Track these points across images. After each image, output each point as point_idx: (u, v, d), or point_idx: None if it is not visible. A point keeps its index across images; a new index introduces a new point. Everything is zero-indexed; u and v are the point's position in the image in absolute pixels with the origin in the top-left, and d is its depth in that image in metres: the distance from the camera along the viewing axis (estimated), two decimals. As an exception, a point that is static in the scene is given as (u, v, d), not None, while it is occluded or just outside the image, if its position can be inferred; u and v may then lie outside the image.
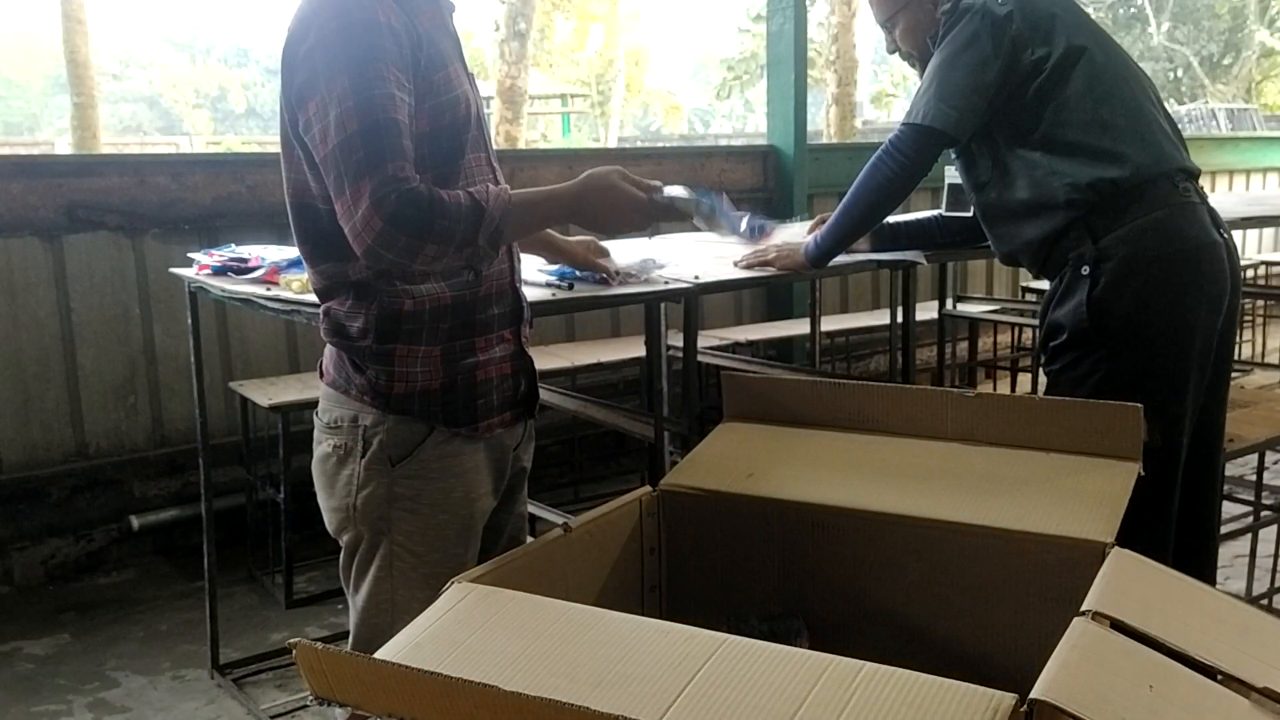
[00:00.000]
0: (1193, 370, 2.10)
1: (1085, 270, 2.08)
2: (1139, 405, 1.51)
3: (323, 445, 1.66)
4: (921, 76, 2.25)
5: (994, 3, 2.13)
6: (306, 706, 2.74)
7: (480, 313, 1.63)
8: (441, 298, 1.58)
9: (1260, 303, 6.31)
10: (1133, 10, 24.00)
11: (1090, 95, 2.11)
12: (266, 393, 3.49)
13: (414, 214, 1.43)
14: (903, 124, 2.19)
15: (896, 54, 2.39)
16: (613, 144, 20.50)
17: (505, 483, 1.75)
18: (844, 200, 2.27)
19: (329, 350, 1.67)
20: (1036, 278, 2.35)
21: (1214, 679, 0.98)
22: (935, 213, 2.72)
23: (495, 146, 1.76)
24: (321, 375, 1.70)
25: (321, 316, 1.65)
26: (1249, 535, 2.95)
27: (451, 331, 1.61)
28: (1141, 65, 2.37)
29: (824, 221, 2.37)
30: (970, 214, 2.47)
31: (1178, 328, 2.07)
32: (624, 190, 1.60)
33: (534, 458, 1.86)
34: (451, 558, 1.63)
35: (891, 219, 2.49)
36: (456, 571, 1.25)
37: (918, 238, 2.61)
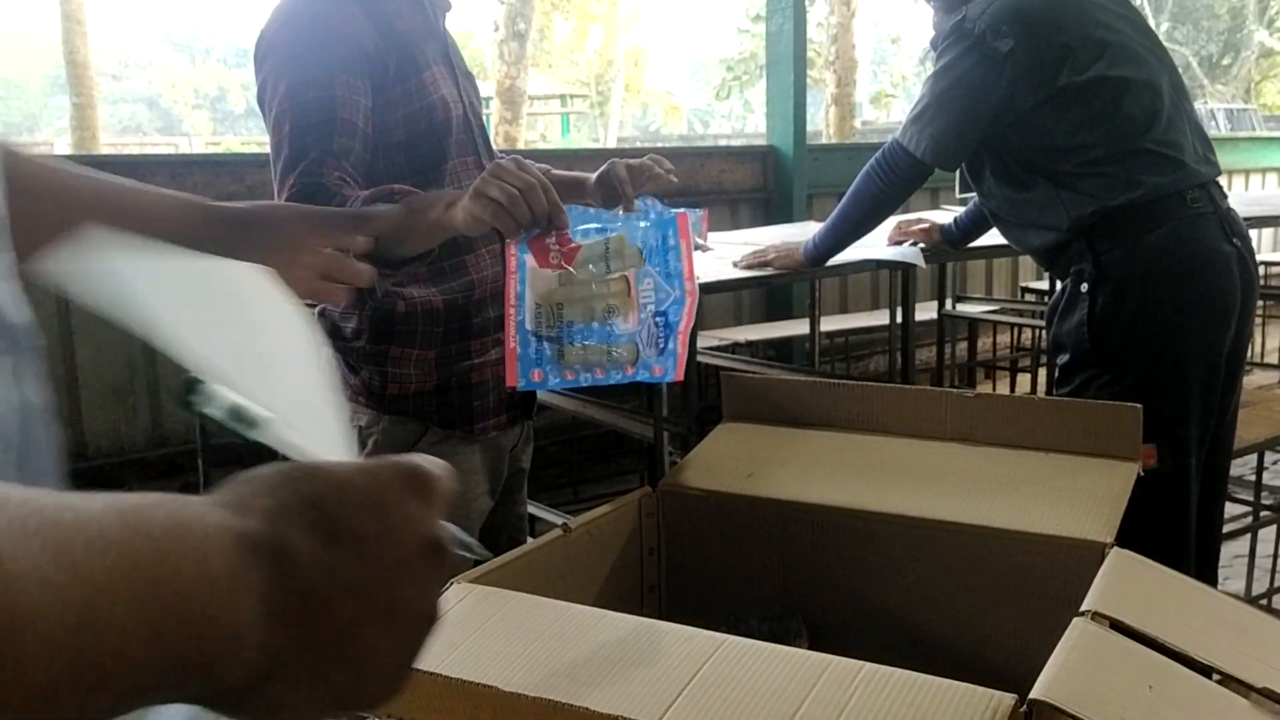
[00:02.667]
0: (1194, 391, 2.04)
1: (1084, 288, 2.05)
2: (1139, 405, 1.50)
3: (321, 445, 1.66)
4: None
5: (994, 34, 2.01)
6: (306, 707, 2.73)
7: (476, 316, 1.63)
8: (431, 301, 1.58)
9: (1261, 303, 6.30)
10: (1132, 10, 23.98)
11: (1105, 125, 2.03)
12: (266, 393, 3.49)
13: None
14: (897, 140, 2.16)
15: None
16: (612, 144, 20.50)
17: (502, 483, 1.75)
18: (841, 204, 2.30)
19: (326, 351, 1.68)
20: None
21: (1213, 679, 0.98)
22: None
23: (495, 147, 1.75)
24: (319, 376, 1.70)
25: (316, 317, 1.65)
26: (1248, 535, 2.95)
27: (447, 335, 1.61)
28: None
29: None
30: None
31: (1176, 350, 2.02)
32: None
33: (533, 458, 1.86)
34: (449, 558, 1.63)
35: (963, 217, 2.67)
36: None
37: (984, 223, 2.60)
